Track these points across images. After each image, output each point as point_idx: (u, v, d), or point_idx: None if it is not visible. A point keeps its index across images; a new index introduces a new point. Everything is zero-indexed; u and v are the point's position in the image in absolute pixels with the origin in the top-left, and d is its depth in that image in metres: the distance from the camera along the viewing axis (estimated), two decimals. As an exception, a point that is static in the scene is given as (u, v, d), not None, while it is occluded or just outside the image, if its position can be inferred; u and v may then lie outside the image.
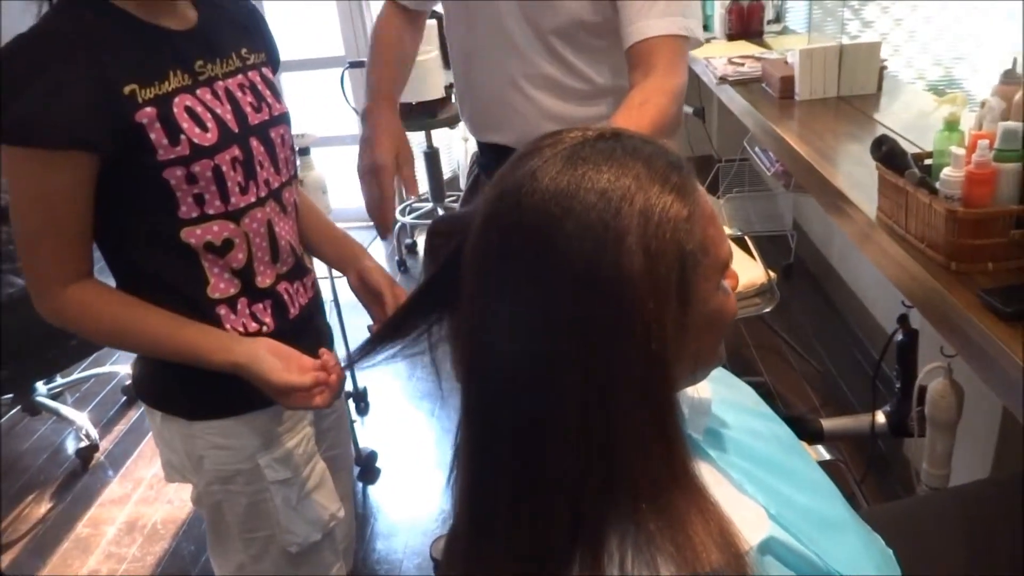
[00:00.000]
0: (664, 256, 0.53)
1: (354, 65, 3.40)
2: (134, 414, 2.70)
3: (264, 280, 1.06)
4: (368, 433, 2.47)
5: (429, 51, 3.08)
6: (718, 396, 0.72)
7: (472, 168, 1.50)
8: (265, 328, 1.06)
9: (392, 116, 1.35)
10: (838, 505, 0.74)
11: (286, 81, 3.94)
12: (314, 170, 2.10)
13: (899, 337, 1.35)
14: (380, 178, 1.26)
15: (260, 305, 1.06)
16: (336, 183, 3.59)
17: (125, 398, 2.79)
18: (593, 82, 1.27)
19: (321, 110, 3.94)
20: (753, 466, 0.66)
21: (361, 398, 2.59)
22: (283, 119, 1.09)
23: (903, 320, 1.36)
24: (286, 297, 1.09)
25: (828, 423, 1.40)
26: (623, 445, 0.52)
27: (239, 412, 1.06)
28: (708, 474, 0.60)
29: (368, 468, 2.26)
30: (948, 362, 1.20)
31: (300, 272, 1.12)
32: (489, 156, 1.40)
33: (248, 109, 1.02)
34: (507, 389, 0.55)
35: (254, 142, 1.02)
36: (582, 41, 1.23)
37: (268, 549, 1.12)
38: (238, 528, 1.11)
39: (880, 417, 1.38)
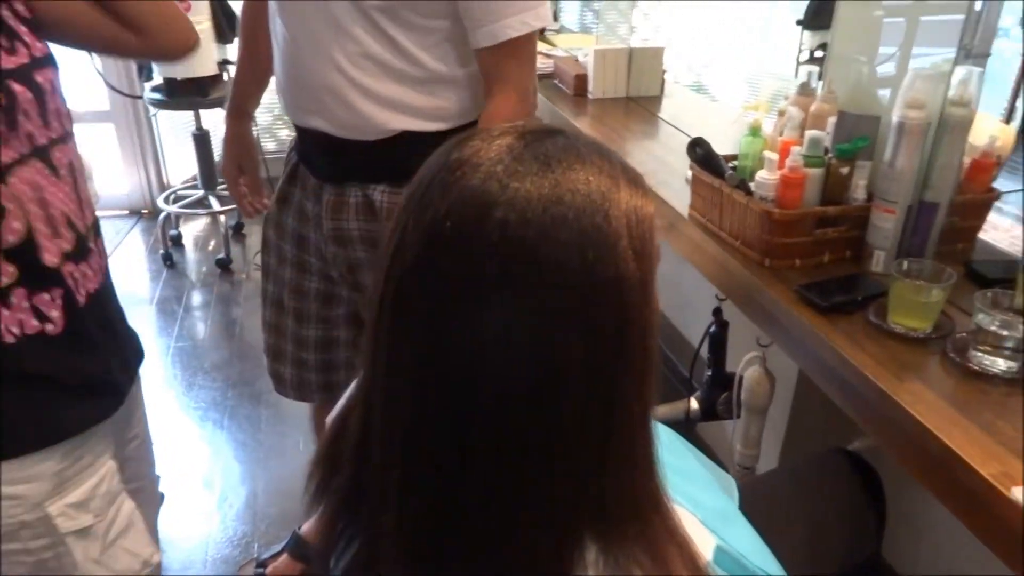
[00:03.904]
0: (648, 258, 0.50)
1: (105, 33, 2.99)
2: None
3: (50, 257, 0.85)
4: (143, 452, 2.19)
5: (199, 22, 2.78)
6: None
7: (290, 155, 1.35)
8: (51, 328, 0.85)
9: (235, 125, 1.49)
10: (722, 494, 0.76)
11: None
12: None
13: (712, 328, 1.45)
14: (229, 185, 1.54)
15: (46, 295, 0.85)
16: (95, 166, 3.13)
17: None
18: (428, 68, 1.18)
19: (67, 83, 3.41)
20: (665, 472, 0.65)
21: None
22: (48, 61, 0.89)
23: (717, 312, 1.45)
24: (71, 282, 0.89)
25: (648, 412, 1.48)
26: (617, 464, 0.49)
27: (18, 453, 0.86)
28: None
29: (148, 493, 2.00)
30: (763, 351, 1.30)
31: (83, 252, 0.92)
32: (309, 143, 1.27)
33: None
34: (492, 419, 0.48)
35: (16, 87, 0.82)
36: (409, 20, 1.13)
37: None
38: (22, 596, 0.91)
39: (694, 403, 1.47)
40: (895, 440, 0.93)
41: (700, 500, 0.66)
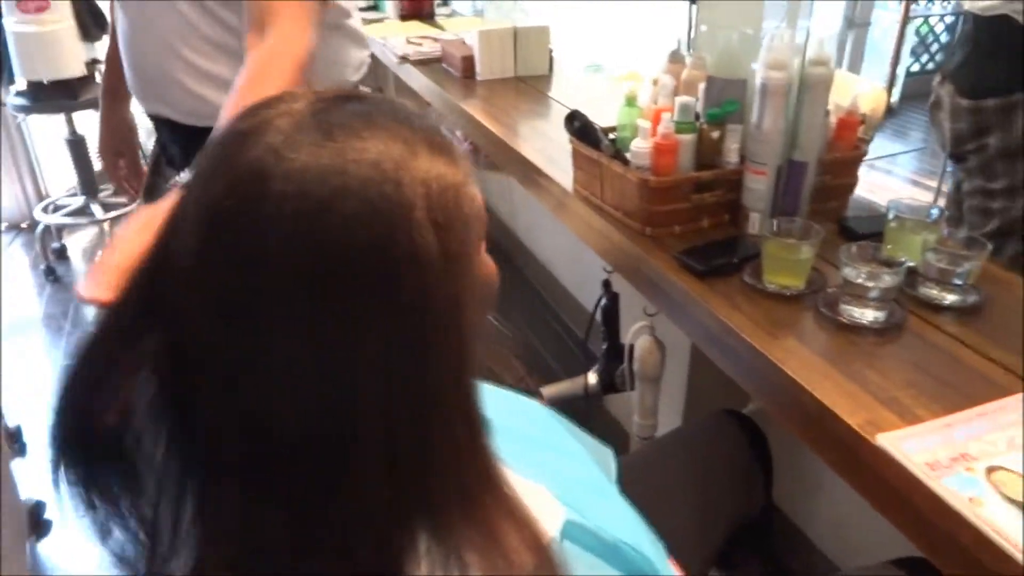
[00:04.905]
0: (453, 228, 0.46)
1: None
2: None
3: None
4: (30, 480, 2.04)
5: (58, 21, 2.61)
6: None
7: (154, 147, 1.30)
8: None
9: (108, 107, 1.44)
10: (595, 468, 0.74)
11: None
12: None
13: (603, 301, 1.44)
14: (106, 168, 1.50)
15: None
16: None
17: None
18: None
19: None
20: (523, 447, 0.62)
21: (15, 438, 2.13)
22: None
23: (607, 285, 1.45)
24: None
25: (547, 390, 1.46)
26: (435, 453, 0.46)
27: None
28: None
29: (35, 522, 1.87)
30: (651, 320, 1.30)
31: None
32: (161, 131, 1.22)
33: None
34: (287, 415, 0.44)
35: None
36: None
37: None
38: None
39: (592, 378, 1.46)
40: (775, 398, 0.93)
41: (562, 473, 0.64)
